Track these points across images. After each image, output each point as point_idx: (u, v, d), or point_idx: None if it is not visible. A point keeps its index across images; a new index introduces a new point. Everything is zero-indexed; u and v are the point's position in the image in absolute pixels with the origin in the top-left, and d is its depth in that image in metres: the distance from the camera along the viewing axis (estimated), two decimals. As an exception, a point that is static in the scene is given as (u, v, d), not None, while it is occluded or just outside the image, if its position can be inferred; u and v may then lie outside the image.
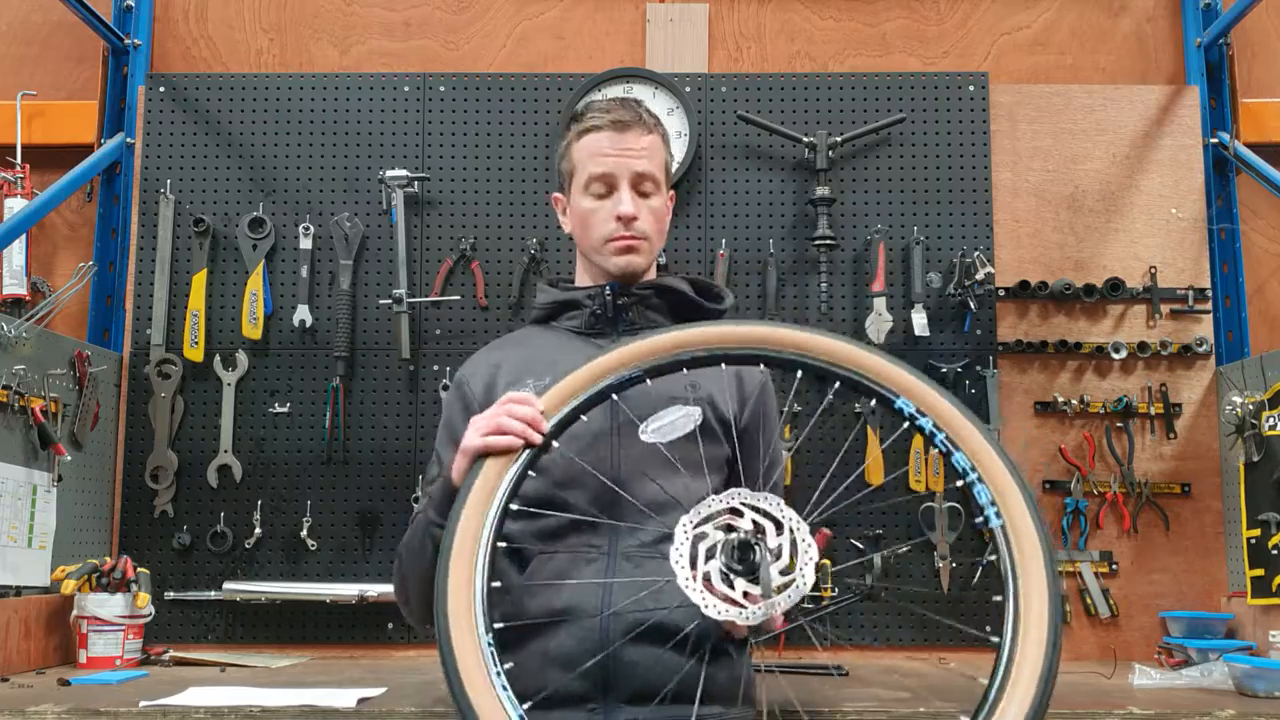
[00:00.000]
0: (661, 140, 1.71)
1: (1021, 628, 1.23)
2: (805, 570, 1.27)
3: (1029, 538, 1.28)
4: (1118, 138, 2.87)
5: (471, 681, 1.22)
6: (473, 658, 1.24)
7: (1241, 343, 2.86)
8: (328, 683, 2.11)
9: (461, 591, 1.27)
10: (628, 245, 1.63)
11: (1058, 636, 1.23)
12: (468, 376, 1.70)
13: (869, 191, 2.84)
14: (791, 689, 1.97)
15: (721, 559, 1.28)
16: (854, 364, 1.40)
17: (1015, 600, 1.25)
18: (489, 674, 1.23)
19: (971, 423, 1.36)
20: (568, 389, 1.42)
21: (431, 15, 3.07)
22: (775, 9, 3.06)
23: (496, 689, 1.22)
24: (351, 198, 2.85)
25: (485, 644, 1.25)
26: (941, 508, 2.67)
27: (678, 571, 1.27)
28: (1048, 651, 1.21)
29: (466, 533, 1.31)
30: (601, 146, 1.65)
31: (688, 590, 1.27)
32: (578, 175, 1.68)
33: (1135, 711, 1.84)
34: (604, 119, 1.67)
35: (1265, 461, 2.46)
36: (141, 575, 2.40)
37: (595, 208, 1.66)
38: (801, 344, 1.42)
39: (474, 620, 1.26)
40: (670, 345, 1.44)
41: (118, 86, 2.99)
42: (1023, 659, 1.22)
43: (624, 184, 1.65)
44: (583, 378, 1.42)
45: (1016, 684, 1.20)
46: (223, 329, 2.80)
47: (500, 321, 2.79)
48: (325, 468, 2.74)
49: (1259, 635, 2.41)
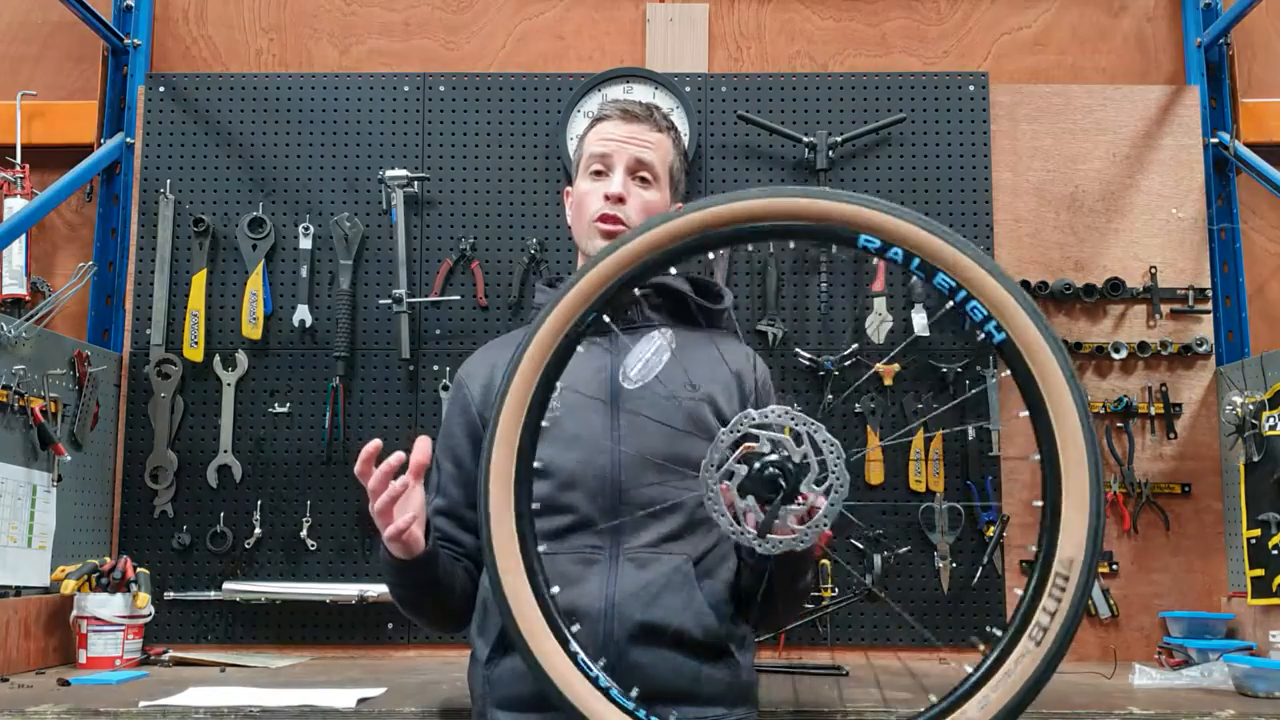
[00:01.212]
0: (672, 143, 1.71)
1: (1059, 442, 1.17)
2: (839, 470, 1.22)
3: (1040, 349, 1.18)
4: (1118, 138, 2.87)
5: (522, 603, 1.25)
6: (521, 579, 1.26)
7: (1241, 343, 2.86)
8: (328, 683, 2.11)
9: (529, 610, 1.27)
10: (610, 229, 1.62)
11: (1093, 438, 1.16)
12: (465, 378, 1.70)
13: (869, 191, 2.83)
14: (792, 689, 1.97)
15: (754, 495, 1.23)
16: (808, 214, 1.23)
17: (1044, 418, 1.17)
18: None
19: (945, 239, 1.21)
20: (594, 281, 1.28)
21: (431, 15, 3.07)
22: (775, 9, 3.06)
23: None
24: (351, 198, 2.85)
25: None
26: (941, 508, 2.67)
27: (721, 523, 1.23)
28: (1090, 461, 1.16)
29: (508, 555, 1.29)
30: (607, 131, 1.67)
31: (741, 540, 1.23)
32: (582, 160, 1.70)
33: (1135, 711, 1.84)
34: (614, 109, 1.69)
35: (1265, 461, 2.46)
36: (141, 575, 2.40)
37: (590, 188, 1.67)
38: (754, 211, 1.23)
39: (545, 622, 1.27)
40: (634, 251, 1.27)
41: (117, 86, 2.99)
42: (1069, 477, 1.16)
43: (619, 166, 1.65)
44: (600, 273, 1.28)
45: (1069, 497, 1.16)
46: (223, 329, 2.80)
47: (500, 321, 2.79)
48: (325, 468, 2.74)
49: (1259, 635, 2.41)
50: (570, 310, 1.27)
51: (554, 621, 1.25)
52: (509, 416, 1.27)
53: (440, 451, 1.69)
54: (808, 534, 1.24)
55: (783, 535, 1.24)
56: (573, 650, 1.24)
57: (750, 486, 1.23)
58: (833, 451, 1.23)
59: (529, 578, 1.25)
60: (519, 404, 1.27)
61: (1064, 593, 1.15)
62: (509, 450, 1.27)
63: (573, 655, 1.24)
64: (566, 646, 1.24)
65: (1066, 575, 1.16)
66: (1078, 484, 1.16)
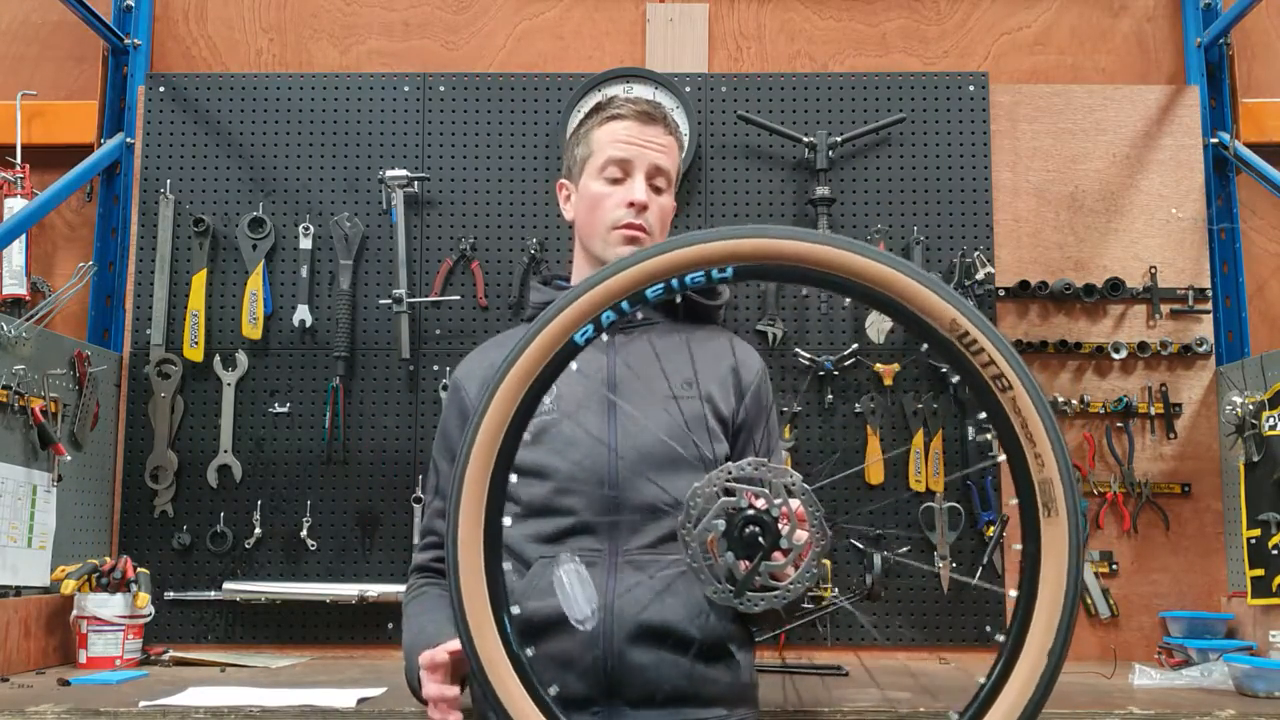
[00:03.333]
0: (678, 147, 1.72)
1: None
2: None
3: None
4: (1118, 138, 2.87)
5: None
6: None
7: (1241, 343, 2.86)
8: (328, 683, 2.11)
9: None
10: (633, 236, 1.63)
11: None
12: (463, 379, 1.70)
13: (869, 191, 2.84)
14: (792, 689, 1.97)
15: (733, 552, 1.18)
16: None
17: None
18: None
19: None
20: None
21: (431, 15, 3.07)
22: (775, 9, 3.06)
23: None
24: (351, 198, 2.85)
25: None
26: (941, 508, 2.68)
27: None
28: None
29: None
30: (626, 133, 1.66)
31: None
32: (594, 159, 1.68)
33: (1135, 711, 1.84)
34: (630, 109, 1.68)
35: (1265, 461, 2.46)
36: (141, 575, 2.40)
37: (607, 192, 1.66)
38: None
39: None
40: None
41: (118, 86, 2.99)
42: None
43: (640, 173, 1.65)
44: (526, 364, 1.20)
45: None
46: (223, 329, 2.80)
47: (500, 321, 2.79)
48: (325, 468, 2.74)
49: (1259, 635, 2.41)
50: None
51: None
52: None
53: (437, 452, 1.69)
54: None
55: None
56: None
57: (729, 544, 1.18)
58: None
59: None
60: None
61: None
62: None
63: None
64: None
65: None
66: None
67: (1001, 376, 1.14)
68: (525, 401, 1.19)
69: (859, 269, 1.14)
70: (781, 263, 1.16)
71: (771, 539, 1.18)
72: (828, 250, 1.15)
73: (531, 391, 1.18)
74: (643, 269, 1.16)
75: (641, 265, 1.16)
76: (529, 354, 1.18)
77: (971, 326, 1.13)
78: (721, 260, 1.16)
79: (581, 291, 1.17)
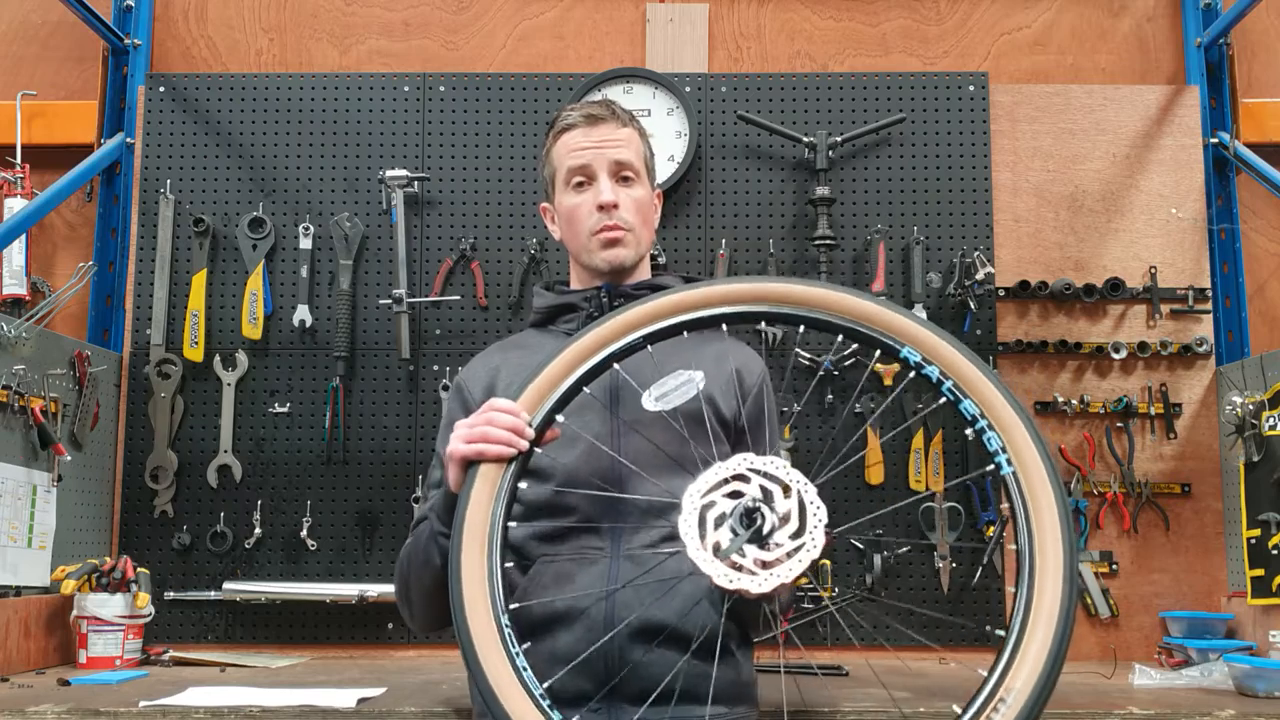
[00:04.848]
0: (639, 134, 1.71)
1: (1038, 574, 1.23)
2: (815, 534, 1.25)
3: (1041, 483, 1.27)
4: (1118, 138, 2.87)
5: (490, 660, 1.24)
6: (492, 641, 1.25)
7: (1241, 343, 2.86)
8: (328, 683, 2.11)
9: (477, 583, 1.28)
10: (612, 237, 1.63)
11: (1073, 576, 1.24)
12: (467, 381, 1.70)
13: (869, 191, 2.84)
14: (792, 689, 1.97)
15: (729, 526, 1.25)
16: (857, 315, 1.38)
17: (1030, 548, 1.25)
18: (508, 655, 1.25)
19: (978, 368, 1.33)
20: (545, 383, 1.41)
21: (431, 15, 3.07)
22: (775, 9, 3.06)
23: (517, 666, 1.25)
24: (351, 198, 2.85)
25: (503, 625, 1.27)
26: (941, 508, 2.67)
27: (687, 541, 1.25)
28: (1065, 591, 1.22)
29: (474, 535, 1.31)
30: (577, 141, 1.66)
31: (697, 559, 1.24)
32: (559, 174, 1.69)
33: (1135, 711, 1.84)
34: (576, 116, 1.68)
35: (1265, 461, 2.46)
36: (141, 575, 2.40)
37: (578, 202, 1.66)
38: (802, 298, 1.40)
39: (491, 606, 1.27)
40: (647, 316, 1.43)
41: (118, 86, 2.99)
42: (1039, 604, 1.22)
43: (602, 173, 1.65)
44: (559, 368, 1.41)
45: (1035, 628, 1.21)
46: (223, 329, 2.80)
47: (500, 321, 2.79)
48: (325, 468, 2.74)
49: (1259, 635, 2.41)
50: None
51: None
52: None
53: (440, 447, 1.69)
54: (765, 580, 1.24)
55: (740, 573, 1.24)
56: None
57: (727, 518, 1.26)
58: (815, 513, 1.25)
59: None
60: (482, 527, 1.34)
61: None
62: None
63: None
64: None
65: (1005, 699, 1.20)
66: (1048, 613, 1.22)
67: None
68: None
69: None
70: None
71: (768, 525, 1.24)
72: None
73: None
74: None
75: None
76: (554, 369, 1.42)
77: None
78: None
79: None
